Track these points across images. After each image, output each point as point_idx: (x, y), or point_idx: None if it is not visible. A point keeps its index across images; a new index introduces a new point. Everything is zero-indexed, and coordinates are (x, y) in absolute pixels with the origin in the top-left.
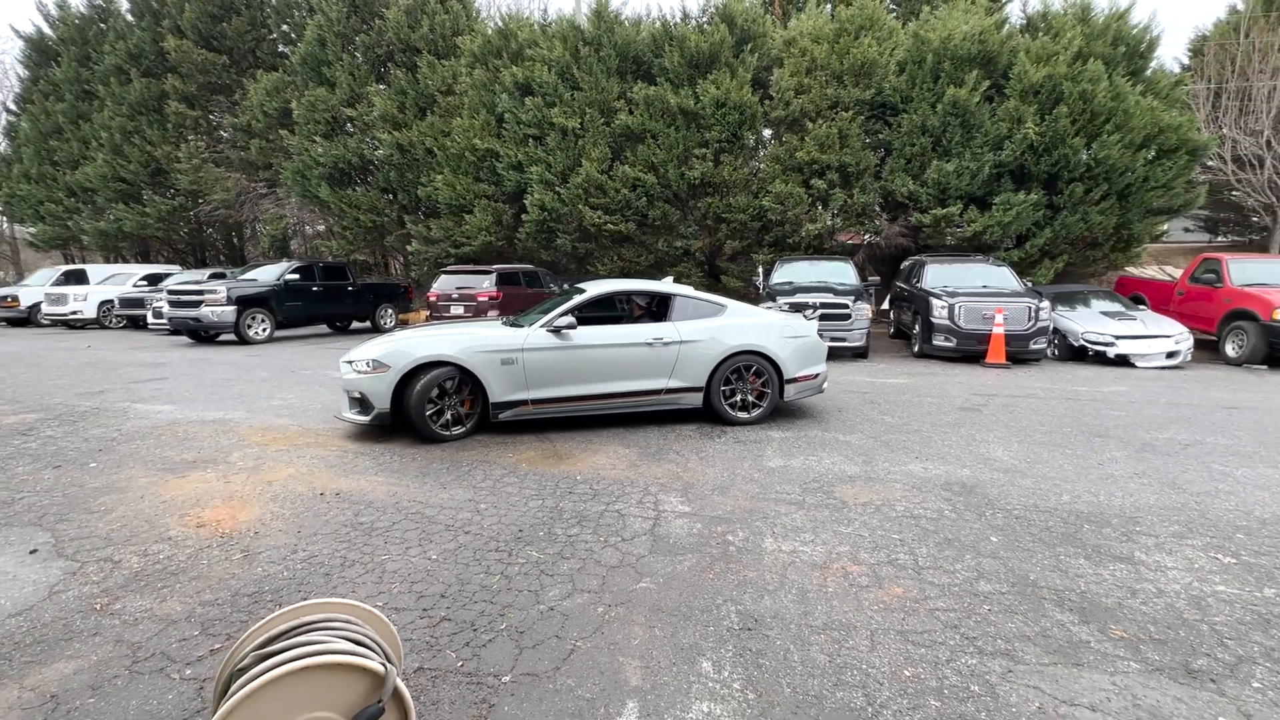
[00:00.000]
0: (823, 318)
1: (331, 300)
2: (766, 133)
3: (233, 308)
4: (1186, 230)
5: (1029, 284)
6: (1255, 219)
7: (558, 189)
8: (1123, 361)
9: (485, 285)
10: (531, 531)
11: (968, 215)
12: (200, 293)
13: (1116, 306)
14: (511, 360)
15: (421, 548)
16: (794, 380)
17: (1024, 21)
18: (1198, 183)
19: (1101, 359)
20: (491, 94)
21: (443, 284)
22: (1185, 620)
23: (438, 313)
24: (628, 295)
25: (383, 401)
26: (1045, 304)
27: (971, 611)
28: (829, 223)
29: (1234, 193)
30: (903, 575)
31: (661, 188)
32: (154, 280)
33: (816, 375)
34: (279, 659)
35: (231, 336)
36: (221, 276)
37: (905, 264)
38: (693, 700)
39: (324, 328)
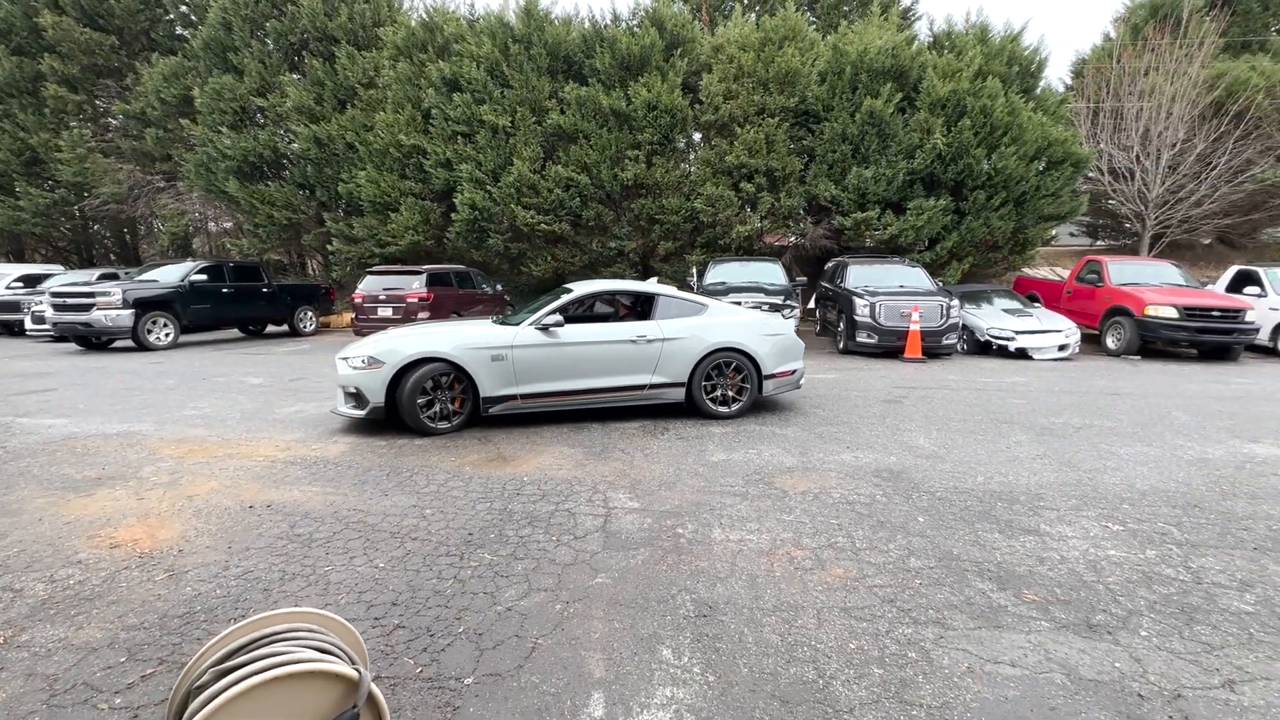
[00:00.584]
0: None
1: (244, 302)
2: (697, 136)
3: (129, 311)
4: (1072, 235)
5: (940, 284)
6: (1128, 225)
7: (489, 188)
8: (1022, 354)
9: (415, 286)
10: (482, 534)
11: (885, 219)
12: (91, 295)
13: (1015, 304)
14: (501, 357)
15: (367, 556)
16: (772, 376)
17: (931, 39)
18: (1081, 192)
19: (1004, 352)
20: (417, 89)
21: (369, 285)
22: (1084, 582)
23: (364, 315)
24: (613, 295)
25: (377, 396)
26: (955, 302)
27: (905, 586)
28: (758, 225)
29: (1110, 201)
30: (842, 557)
31: (595, 188)
32: (31, 282)
33: (794, 371)
34: (246, 670)
35: (128, 343)
36: (114, 277)
37: (829, 265)
38: (656, 686)
39: (235, 332)
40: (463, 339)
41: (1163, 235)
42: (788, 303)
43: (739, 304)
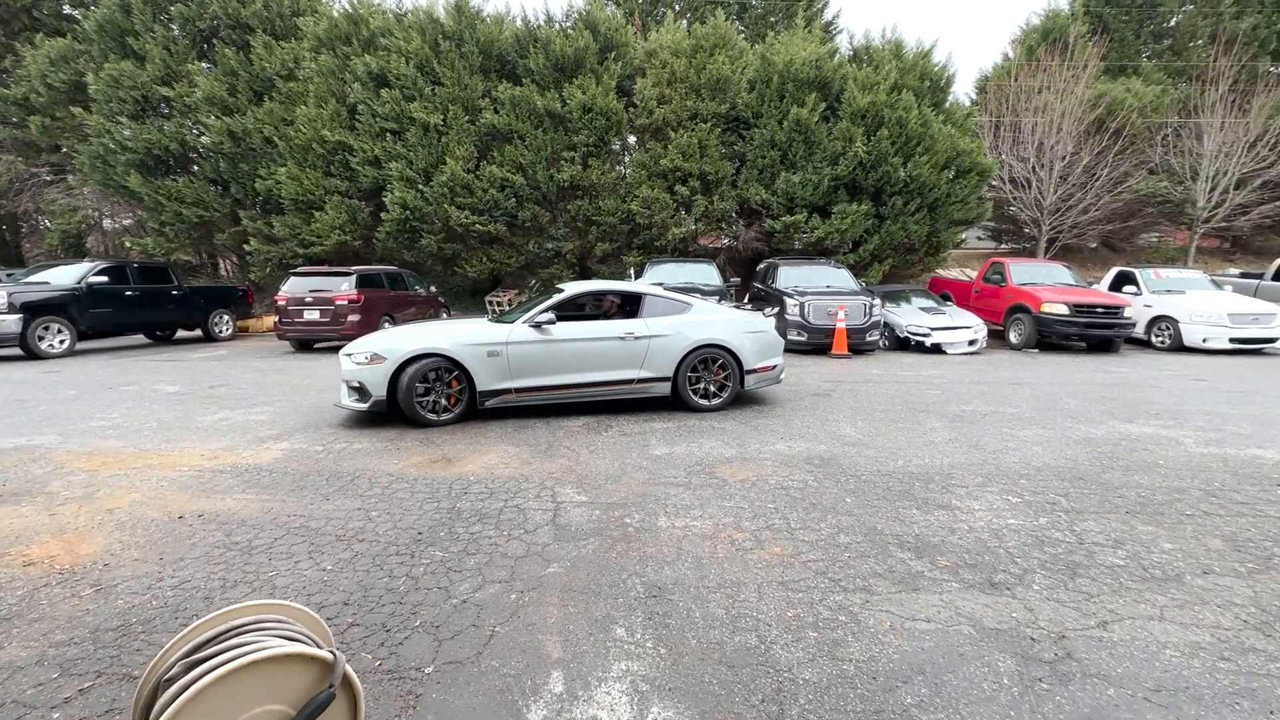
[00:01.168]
0: None
1: (151, 306)
2: (631, 139)
3: (17, 316)
4: (979, 239)
5: (863, 284)
6: (1027, 230)
7: (420, 187)
8: (937, 349)
9: (344, 288)
10: (432, 533)
11: (812, 222)
12: None
13: (930, 303)
14: (497, 353)
15: (313, 560)
16: (753, 371)
17: (851, 53)
18: (986, 199)
19: (921, 348)
20: (342, 83)
21: (293, 287)
22: (988, 547)
23: (288, 319)
24: (603, 294)
25: (379, 390)
26: (877, 301)
27: (835, 559)
28: (693, 227)
29: (1011, 208)
30: (779, 537)
31: (531, 189)
32: None
33: (774, 366)
34: (219, 659)
35: (16, 351)
36: None
37: (761, 266)
38: (611, 662)
39: (141, 339)
40: (460, 336)
41: (1056, 239)
42: (723, 303)
43: None
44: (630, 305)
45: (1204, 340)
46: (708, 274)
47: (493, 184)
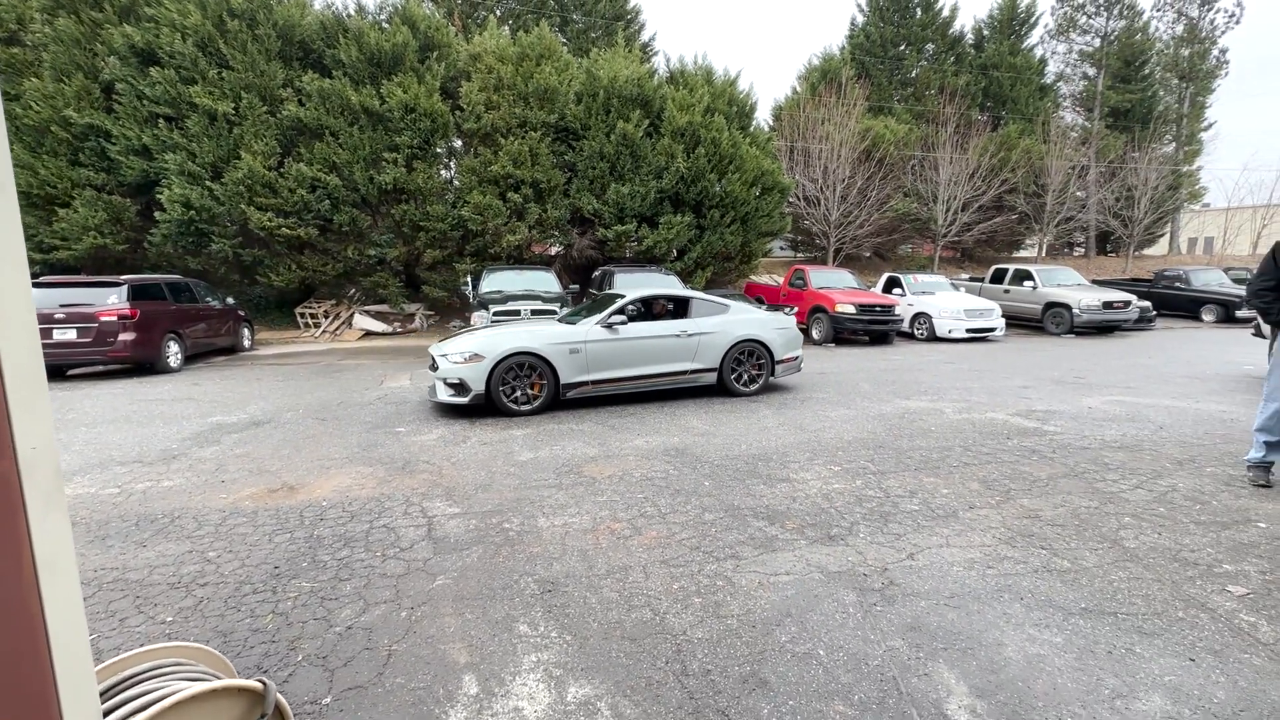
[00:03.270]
0: None
1: None
2: (459, 143)
3: None
4: (781, 248)
5: (690, 288)
6: (819, 241)
7: (208, 184)
8: None
9: (112, 301)
10: (292, 564)
11: (641, 232)
12: None
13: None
14: (578, 350)
15: (145, 614)
16: (781, 361)
17: (668, 74)
18: (786, 214)
19: None
20: (91, 54)
21: (38, 300)
22: (822, 509)
23: None
24: (657, 298)
25: (479, 385)
26: None
27: (705, 535)
28: (527, 234)
29: (805, 222)
30: (653, 522)
31: (348, 190)
32: None
33: (796, 357)
34: (148, 699)
35: None
36: None
37: (596, 273)
38: (521, 656)
39: None
40: (546, 336)
41: (841, 249)
42: (562, 309)
43: (517, 311)
44: (680, 307)
45: (950, 331)
46: (547, 281)
47: (301, 183)
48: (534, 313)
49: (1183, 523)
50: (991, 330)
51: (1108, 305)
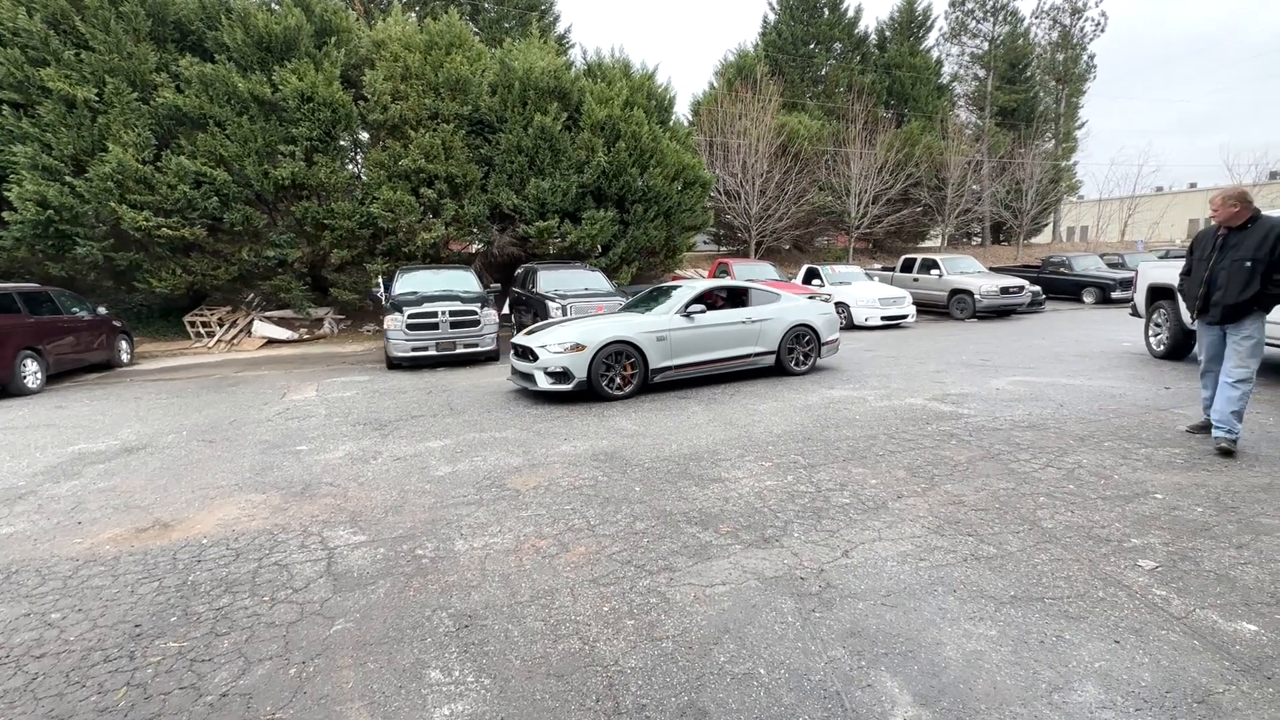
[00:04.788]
0: (454, 325)
1: None
2: (365, 136)
3: None
4: (705, 242)
5: (616, 285)
6: (740, 234)
7: (69, 179)
8: None
9: None
10: (157, 621)
11: (565, 228)
12: None
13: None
14: (664, 338)
15: None
16: (826, 343)
17: (586, 67)
18: (708, 208)
19: None
20: None
21: None
22: (755, 509)
23: None
24: (718, 289)
25: (582, 373)
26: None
27: (637, 546)
28: (443, 232)
29: (727, 216)
30: (582, 536)
31: (240, 187)
32: None
33: (836, 340)
34: None
35: None
36: None
37: (519, 271)
38: (431, 710)
39: None
40: (636, 326)
41: (762, 242)
42: (485, 309)
43: (435, 313)
44: (738, 296)
45: (866, 320)
46: (466, 280)
47: (183, 178)
48: (453, 314)
49: (1091, 499)
50: (904, 317)
51: (1005, 290)
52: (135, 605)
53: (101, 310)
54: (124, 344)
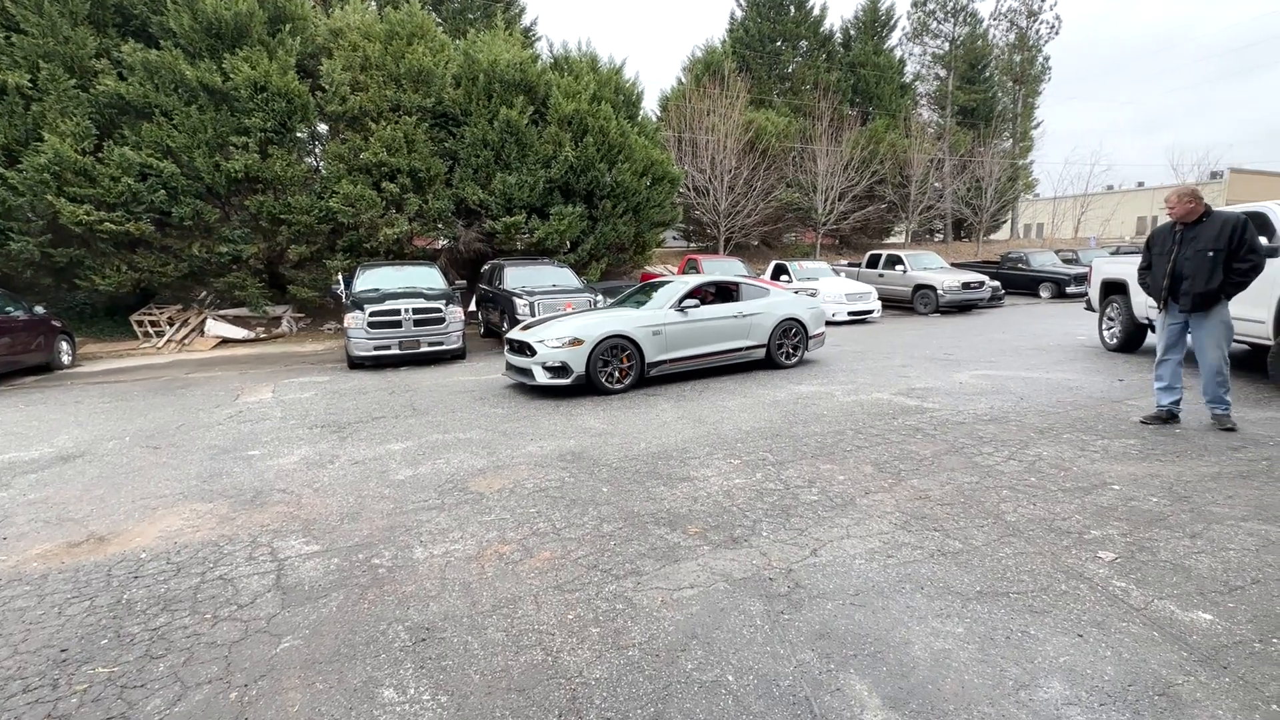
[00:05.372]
0: (417, 323)
1: None
2: (324, 128)
3: None
4: (674, 238)
5: (585, 281)
6: (709, 230)
7: (1, 170)
8: None
9: None
10: (87, 644)
11: (532, 223)
12: None
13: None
14: (659, 331)
15: None
16: (813, 337)
17: (552, 60)
18: (677, 204)
19: None
20: None
21: None
22: (724, 508)
23: None
24: (711, 284)
25: (580, 367)
26: (600, 298)
27: (603, 550)
28: (406, 227)
29: (696, 212)
30: (547, 541)
31: (189, 179)
32: None
33: (822, 333)
34: None
35: None
36: None
37: (485, 267)
38: None
39: None
40: (632, 320)
41: (731, 239)
42: (450, 307)
43: (398, 310)
44: (728, 291)
45: (834, 315)
46: (430, 277)
47: (127, 170)
48: (416, 311)
49: (1051, 491)
50: (870, 312)
51: (966, 286)
52: (63, 628)
53: (39, 309)
54: (65, 345)
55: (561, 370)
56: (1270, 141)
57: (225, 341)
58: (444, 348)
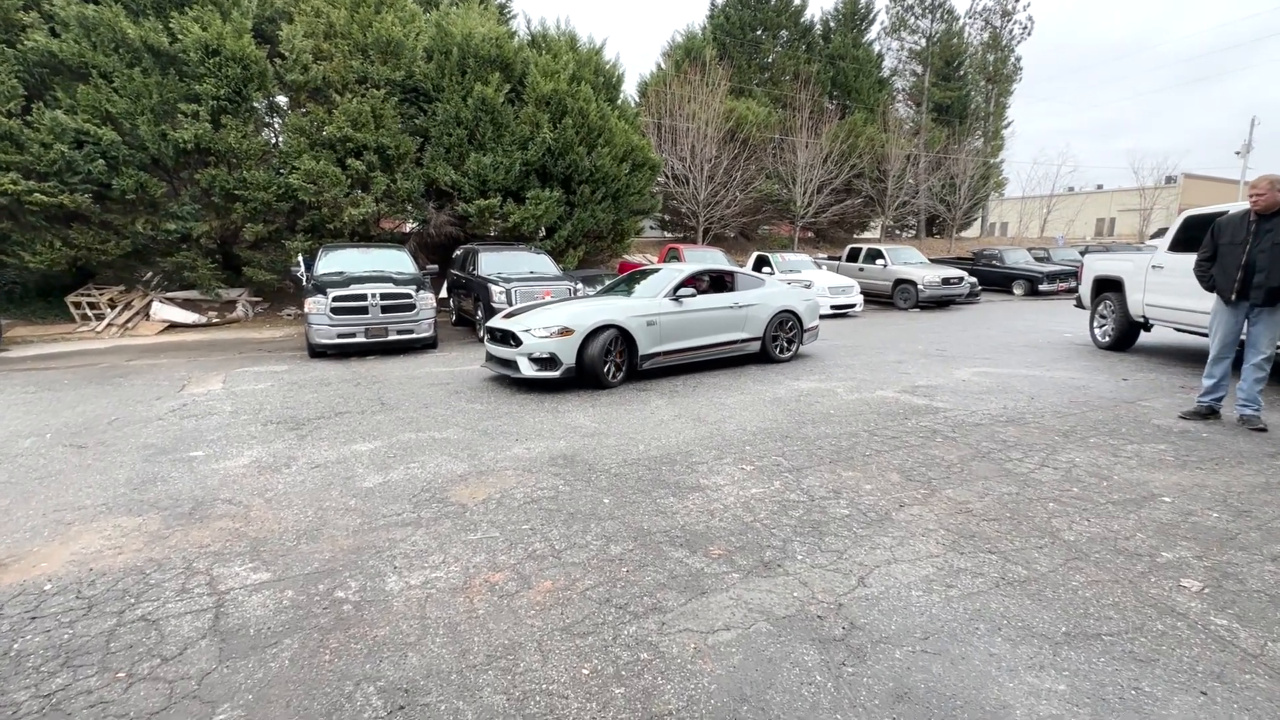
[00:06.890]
0: (385, 309)
1: None
2: (284, 99)
3: None
4: (652, 228)
5: (563, 268)
6: (689, 221)
7: None
8: None
9: None
10: None
11: (507, 207)
12: None
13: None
14: (653, 322)
15: None
16: (808, 330)
17: (530, 37)
18: (656, 192)
19: None
20: None
21: None
22: (746, 524)
23: None
24: (705, 273)
25: (570, 359)
26: (579, 286)
27: (614, 578)
28: (374, 208)
29: (674, 201)
30: (546, 566)
31: (132, 149)
32: None
33: (816, 326)
34: None
35: None
36: None
37: (459, 252)
38: None
39: None
40: (624, 309)
41: (710, 229)
42: (421, 292)
43: (364, 295)
44: (723, 281)
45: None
46: (400, 261)
47: (60, 136)
48: (384, 297)
49: (1100, 504)
50: (852, 306)
51: (946, 281)
52: None
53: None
54: None
55: (550, 362)
56: (1224, 148)
57: (173, 326)
58: (414, 336)
